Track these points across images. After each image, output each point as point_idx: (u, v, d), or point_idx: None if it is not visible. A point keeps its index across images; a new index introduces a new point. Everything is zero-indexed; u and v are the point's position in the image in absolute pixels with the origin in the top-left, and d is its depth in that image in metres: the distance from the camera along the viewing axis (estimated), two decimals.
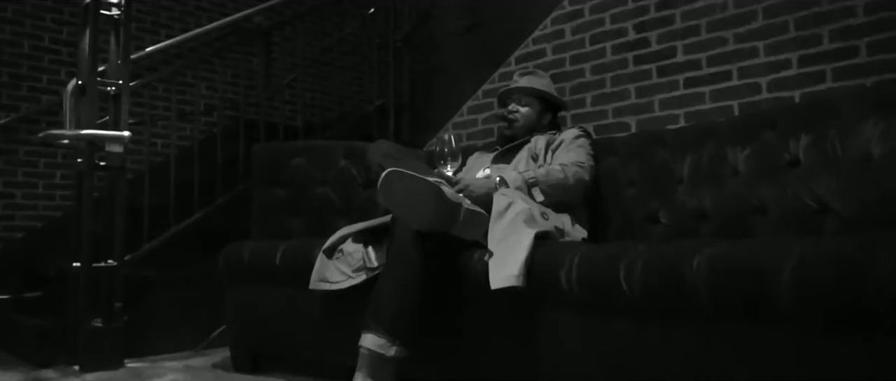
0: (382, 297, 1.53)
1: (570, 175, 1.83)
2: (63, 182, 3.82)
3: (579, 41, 2.68)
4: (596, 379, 1.31)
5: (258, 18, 2.93)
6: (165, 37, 4.02)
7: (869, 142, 1.51)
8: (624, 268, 1.24)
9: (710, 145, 1.88)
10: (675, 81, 2.38)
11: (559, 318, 1.38)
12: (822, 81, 2.02)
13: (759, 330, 1.05)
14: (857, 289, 0.92)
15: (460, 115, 3.13)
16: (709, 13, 2.29)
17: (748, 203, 1.72)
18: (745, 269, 1.07)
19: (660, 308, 1.18)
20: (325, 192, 2.38)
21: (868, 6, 1.95)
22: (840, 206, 1.52)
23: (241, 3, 4.37)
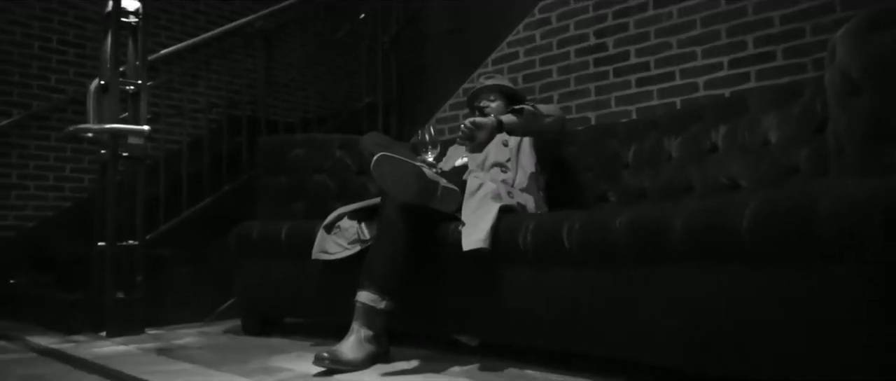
0: (374, 260, 1.85)
1: (557, 109, 2.18)
2: (72, 175, 4.10)
3: (547, 45, 3.01)
4: (545, 316, 1.64)
5: (260, 23, 3.24)
6: (165, 38, 4.32)
7: (768, 130, 1.87)
8: (566, 229, 1.58)
9: (651, 136, 2.23)
10: (628, 81, 2.72)
11: (517, 272, 1.71)
12: (747, 81, 2.38)
13: (655, 269, 1.39)
14: (805, 219, 1.09)
15: (443, 111, 3.45)
16: (656, 22, 2.64)
17: (679, 183, 2.07)
18: (664, 223, 1.41)
19: (589, 257, 1.52)
20: (322, 179, 2.69)
21: (783, 17, 2.30)
22: (746, 182, 1.87)
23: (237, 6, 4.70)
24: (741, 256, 1.21)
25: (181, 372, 1.74)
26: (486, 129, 2.03)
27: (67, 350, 2.12)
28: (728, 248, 1.23)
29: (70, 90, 4.12)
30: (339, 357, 1.71)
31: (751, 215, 1.19)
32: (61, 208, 4.03)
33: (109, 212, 2.48)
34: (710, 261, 1.28)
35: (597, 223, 1.52)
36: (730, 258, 1.24)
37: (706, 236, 1.28)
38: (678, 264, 1.34)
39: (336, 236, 2.14)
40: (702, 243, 1.29)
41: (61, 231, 3.96)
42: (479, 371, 1.69)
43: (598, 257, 1.51)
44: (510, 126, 2.06)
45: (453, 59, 3.44)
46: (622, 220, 1.46)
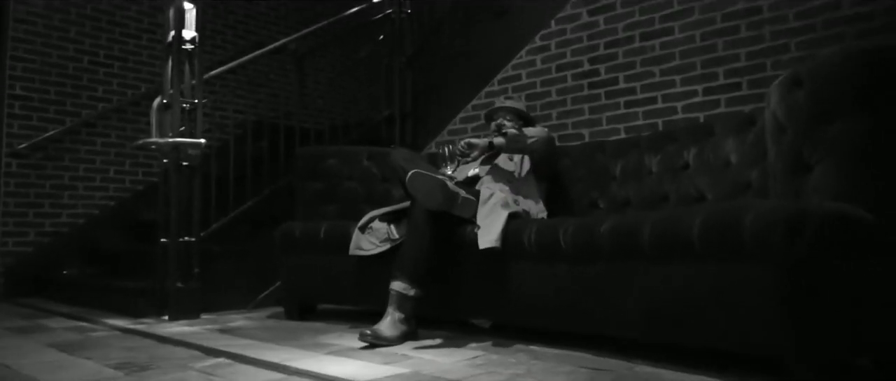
0: (405, 255, 2.27)
1: (543, 132, 2.58)
2: (115, 176, 4.52)
3: (547, 69, 3.42)
4: (545, 301, 2.05)
5: (293, 45, 3.64)
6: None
7: (729, 153, 2.28)
8: (562, 232, 1.99)
9: (634, 153, 2.64)
10: (617, 103, 3.14)
11: (522, 266, 2.12)
12: (718, 106, 2.79)
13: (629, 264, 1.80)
14: (732, 229, 1.48)
15: (454, 124, 3.86)
16: (642, 53, 3.05)
17: (658, 193, 2.48)
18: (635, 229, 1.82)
19: (580, 255, 1.93)
20: (353, 185, 3.11)
21: (748, 54, 2.71)
22: (711, 195, 2.29)
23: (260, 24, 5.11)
24: (691, 255, 1.63)
25: (249, 346, 2.15)
26: (478, 148, 2.47)
27: (147, 330, 2.54)
28: (682, 249, 1.64)
29: (114, 99, 4.53)
30: (379, 334, 2.12)
31: (699, 226, 1.60)
32: (107, 206, 4.45)
33: (173, 212, 2.89)
34: (669, 259, 1.69)
35: (586, 228, 1.93)
36: (683, 257, 1.65)
37: (666, 239, 1.69)
38: (646, 261, 1.75)
39: (369, 236, 2.56)
40: (663, 245, 1.70)
41: (106, 228, 4.39)
42: (492, 347, 2.10)
43: (586, 254, 1.92)
44: (499, 146, 2.49)
45: (463, 78, 3.85)
46: (605, 226, 1.88)
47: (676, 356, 1.79)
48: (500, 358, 1.91)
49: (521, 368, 1.77)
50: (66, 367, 1.84)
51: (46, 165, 4.20)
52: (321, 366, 1.80)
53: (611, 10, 3.17)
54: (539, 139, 2.55)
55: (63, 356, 2.01)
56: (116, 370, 1.78)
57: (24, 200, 4.10)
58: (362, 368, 1.78)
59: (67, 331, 2.58)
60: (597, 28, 3.23)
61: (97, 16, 4.49)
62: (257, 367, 1.81)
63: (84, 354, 2.04)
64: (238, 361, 1.90)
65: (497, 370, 1.75)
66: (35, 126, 4.16)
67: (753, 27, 2.70)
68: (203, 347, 2.14)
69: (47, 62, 4.23)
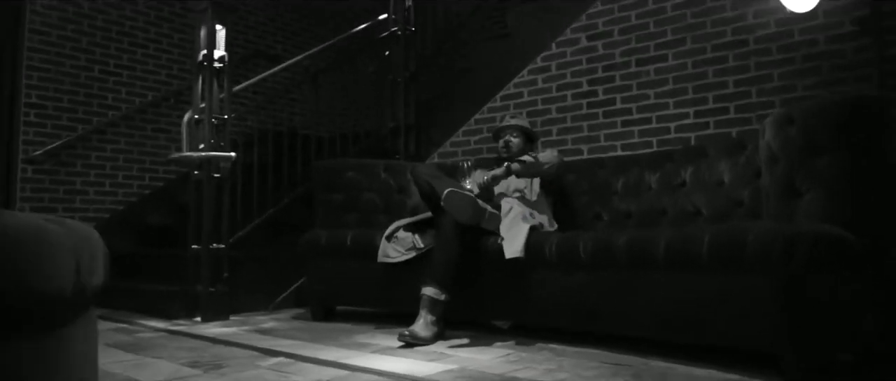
0: (436, 263, 2.51)
1: (545, 168, 2.83)
2: (124, 182, 4.64)
3: (548, 88, 3.70)
4: (565, 307, 2.32)
5: (306, 62, 3.85)
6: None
7: (722, 172, 2.58)
8: (581, 243, 2.26)
9: (634, 170, 2.93)
10: (614, 122, 3.43)
11: (544, 274, 2.38)
12: (708, 128, 3.10)
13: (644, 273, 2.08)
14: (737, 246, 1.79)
15: (457, 136, 4.11)
16: (637, 77, 3.35)
17: (657, 208, 2.77)
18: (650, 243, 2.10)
19: (598, 264, 2.20)
20: (371, 196, 3.33)
21: (736, 82, 3.03)
22: (706, 211, 2.59)
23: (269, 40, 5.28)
24: (700, 267, 1.91)
25: (299, 346, 2.37)
26: (499, 178, 2.72)
27: (191, 331, 2.72)
28: (692, 262, 1.93)
29: (123, 107, 4.66)
30: (416, 335, 2.36)
31: (708, 243, 1.89)
32: (115, 210, 4.57)
33: (205, 222, 3.07)
34: (680, 270, 1.98)
35: (604, 241, 2.21)
36: (693, 269, 1.93)
37: (679, 254, 1.97)
38: (659, 271, 2.03)
39: (395, 244, 2.80)
40: (676, 258, 1.98)
41: (115, 231, 4.51)
42: (516, 346, 2.35)
43: (604, 264, 2.19)
44: (517, 172, 2.74)
45: (466, 94, 4.10)
46: (622, 240, 2.15)
47: (685, 354, 2.07)
48: (529, 355, 2.17)
49: (553, 363, 2.03)
50: (146, 366, 2.03)
51: (60, 171, 4.31)
52: (378, 363, 2.03)
53: (609, 37, 3.47)
54: (553, 164, 2.80)
55: (133, 355, 2.20)
56: (193, 369, 1.98)
57: (38, 204, 4.20)
58: (414, 365, 2.02)
59: (114, 332, 2.74)
60: (596, 52, 3.51)
61: (108, 27, 4.60)
62: (319, 365, 2.03)
63: (151, 353, 2.23)
64: (298, 359, 2.11)
65: (531, 365, 2.00)
66: (49, 133, 4.26)
67: (740, 58, 3.02)
68: (258, 347, 2.34)
69: (61, 72, 4.34)
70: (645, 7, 3.33)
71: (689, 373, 1.87)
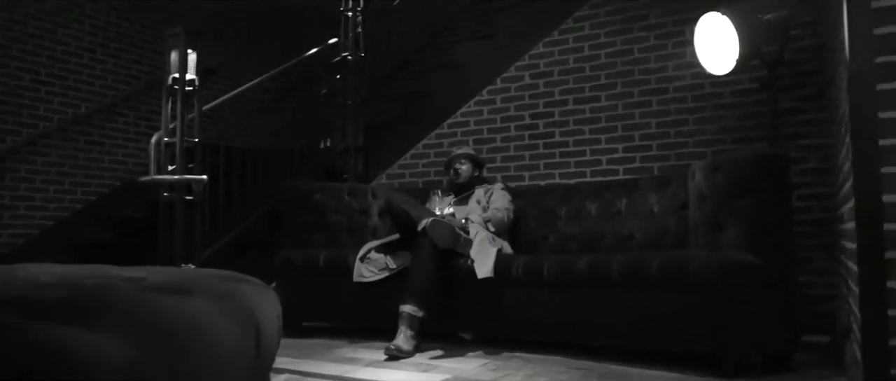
0: (414, 283, 2.79)
1: (505, 215, 3.21)
2: (56, 196, 4.51)
3: (493, 119, 4.09)
4: (531, 320, 2.69)
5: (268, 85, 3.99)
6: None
7: (653, 205, 3.07)
8: (546, 264, 2.64)
9: (576, 198, 3.37)
10: (553, 153, 3.87)
11: (511, 292, 2.74)
12: (634, 162, 3.61)
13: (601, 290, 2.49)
14: (681, 270, 2.29)
15: (405, 159, 4.40)
16: (574, 114, 3.81)
17: (597, 233, 3.22)
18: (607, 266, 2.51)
19: (561, 283, 2.59)
20: (337, 217, 3.55)
21: (658, 124, 3.56)
22: (639, 236, 3.06)
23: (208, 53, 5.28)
24: (650, 286, 2.35)
25: (292, 362, 2.56)
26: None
27: None
28: (643, 281, 2.36)
29: (55, 119, 4.52)
30: (400, 348, 2.64)
31: (657, 266, 2.33)
32: (46, 226, 4.43)
33: (177, 241, 3.16)
34: (632, 288, 2.41)
35: (566, 263, 2.61)
36: (644, 287, 2.37)
37: (632, 274, 2.40)
38: (614, 288, 2.46)
39: (368, 265, 3.05)
40: (629, 278, 2.41)
41: (46, 248, 4.38)
42: (485, 354, 2.69)
43: (567, 283, 2.59)
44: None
45: (415, 119, 4.40)
46: (582, 262, 2.56)
47: (637, 358, 2.50)
48: (504, 363, 2.51)
49: (528, 369, 2.38)
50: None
51: None
52: (377, 376, 2.30)
53: (549, 77, 3.91)
54: (500, 221, 3.18)
55: None
56: None
57: None
58: (410, 376, 2.30)
59: None
60: (537, 89, 3.95)
61: (40, 34, 4.46)
62: (325, 380, 2.26)
63: None
64: (303, 375, 2.33)
65: (511, 372, 2.35)
66: None
67: (662, 103, 3.55)
68: None
69: None
70: (582, 53, 3.80)
71: (643, 374, 2.30)
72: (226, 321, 0.82)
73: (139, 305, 0.75)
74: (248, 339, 0.91)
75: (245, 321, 0.89)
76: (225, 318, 0.82)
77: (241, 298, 0.95)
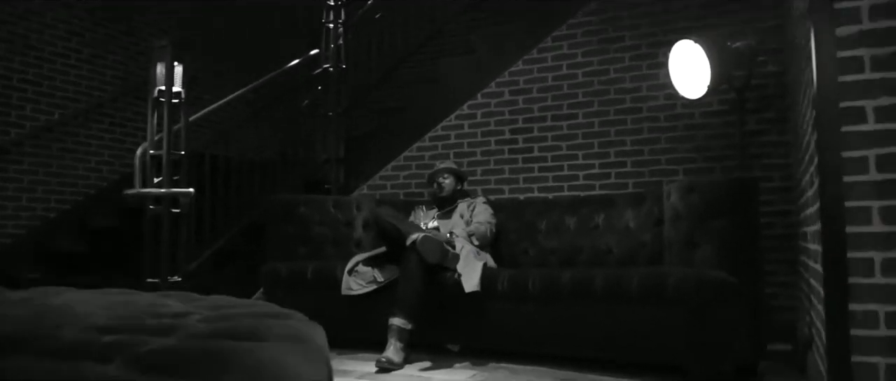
0: (403, 296, 2.88)
1: (487, 229, 3.33)
2: (28, 204, 4.43)
3: (473, 133, 4.20)
4: (516, 332, 2.80)
5: (250, 96, 4.01)
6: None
7: (628, 220, 3.23)
8: (530, 279, 2.76)
9: (555, 212, 3.51)
10: (532, 167, 4.00)
11: (497, 305, 2.85)
12: (609, 178, 3.77)
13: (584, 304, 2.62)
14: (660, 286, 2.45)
15: (386, 170, 4.47)
16: (553, 130, 3.95)
17: (575, 246, 3.36)
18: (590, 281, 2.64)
19: (546, 296, 2.71)
20: (321, 230, 3.60)
21: (633, 141, 3.73)
22: (616, 250, 3.21)
23: None
24: (630, 300, 2.49)
25: None
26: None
27: None
28: (624, 296, 2.50)
29: (28, 126, 4.45)
30: (391, 360, 2.72)
31: (637, 282, 2.47)
32: (18, 235, 4.35)
33: (163, 255, 3.17)
34: (614, 302, 2.55)
35: (550, 278, 2.73)
36: (624, 301, 2.51)
37: (614, 289, 2.54)
38: (597, 302, 2.59)
39: (356, 278, 3.13)
40: (611, 292, 2.55)
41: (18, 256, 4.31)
42: (472, 365, 2.80)
43: (550, 297, 2.71)
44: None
45: (396, 131, 4.47)
46: (566, 276, 2.69)
47: (619, 369, 2.64)
48: (491, 375, 2.62)
49: (514, 380, 2.50)
50: None
51: None
52: None
53: (528, 94, 4.04)
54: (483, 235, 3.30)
55: None
56: None
57: None
58: None
59: None
60: (517, 105, 4.08)
61: (11, 39, 4.38)
62: None
63: None
64: None
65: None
66: None
67: (636, 122, 3.72)
68: None
69: None
70: (560, 71, 3.95)
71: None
72: (306, 365, 0.88)
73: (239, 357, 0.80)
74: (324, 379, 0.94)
75: (319, 361, 0.95)
76: (305, 362, 0.89)
77: (311, 338, 1.01)
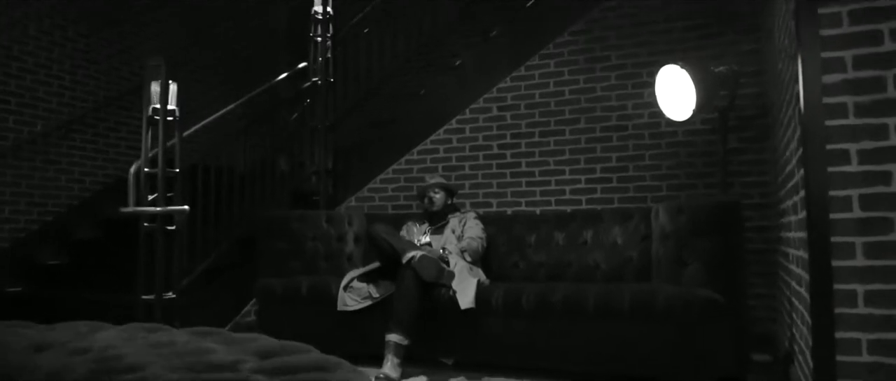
0: (399, 313, 2.93)
1: (479, 244, 3.41)
2: (11, 216, 4.37)
3: (462, 147, 4.28)
4: (510, 347, 2.88)
5: (239, 110, 4.02)
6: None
7: (616, 236, 3.33)
8: (524, 295, 2.84)
9: (545, 227, 3.60)
10: (519, 182, 4.10)
11: (491, 320, 2.93)
12: (595, 193, 3.88)
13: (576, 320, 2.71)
14: (650, 304, 2.57)
15: (374, 183, 4.52)
16: (540, 146, 4.05)
17: (564, 261, 3.46)
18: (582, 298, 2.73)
19: (539, 313, 2.80)
20: (314, 245, 3.64)
21: (618, 158, 3.84)
22: (604, 266, 3.32)
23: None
24: (621, 317, 2.59)
25: None
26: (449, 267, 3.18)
27: None
28: (616, 312, 2.60)
29: (11, 138, 4.39)
30: (389, 376, 2.78)
31: (628, 299, 2.57)
32: (1, 248, 4.29)
33: (158, 272, 3.18)
34: (605, 318, 2.65)
35: (544, 294, 2.82)
36: (616, 318, 2.61)
37: (606, 306, 2.64)
38: (589, 319, 2.69)
39: (351, 293, 3.18)
40: (603, 309, 2.65)
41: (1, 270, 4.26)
42: (467, 380, 2.87)
43: (544, 312, 2.80)
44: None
45: (385, 145, 4.53)
46: (559, 293, 2.78)
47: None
48: None
49: None
50: None
51: None
52: None
53: (516, 110, 4.14)
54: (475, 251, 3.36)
55: None
56: None
57: None
58: None
59: None
60: (505, 121, 4.17)
61: None
62: None
63: None
64: None
65: None
66: None
67: (621, 139, 3.84)
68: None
69: None
70: (547, 88, 4.05)
71: None
72: None
73: None
74: None
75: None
76: None
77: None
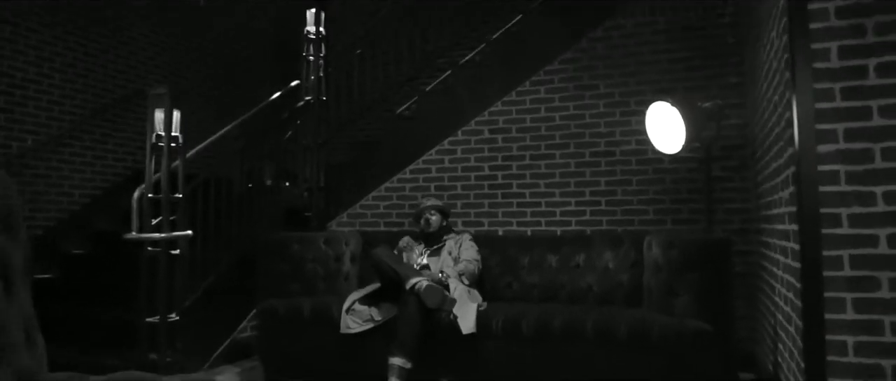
0: (402, 336, 3.04)
1: (476, 267, 3.53)
2: None
3: (454, 168, 4.39)
4: (509, 371, 3.02)
5: (236, 132, 4.07)
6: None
7: (607, 260, 3.50)
8: (524, 320, 2.98)
9: (537, 249, 3.74)
10: (511, 202, 4.23)
11: (491, 344, 3.06)
12: (585, 215, 4.04)
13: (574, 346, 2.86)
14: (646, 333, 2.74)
15: (366, 200, 4.61)
16: (531, 168, 4.19)
17: (557, 283, 3.60)
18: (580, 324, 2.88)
19: (539, 337, 2.94)
20: (313, 266, 3.72)
21: (606, 182, 4.01)
22: (596, 289, 3.47)
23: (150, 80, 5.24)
24: (618, 344, 2.75)
25: None
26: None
27: None
28: (613, 340, 2.76)
29: (0, 153, 4.35)
30: None
31: (624, 327, 2.73)
32: None
33: (160, 295, 3.22)
34: (603, 345, 2.80)
35: (542, 319, 2.96)
36: (612, 344, 2.76)
37: (603, 333, 2.79)
38: (587, 344, 2.84)
39: (353, 316, 3.27)
40: (600, 335, 2.80)
41: None
42: None
43: (542, 338, 2.94)
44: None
45: (377, 163, 4.62)
46: (558, 319, 2.92)
47: None
48: None
49: None
50: None
51: None
52: None
53: (508, 133, 4.27)
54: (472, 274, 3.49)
55: None
56: None
57: None
58: None
59: None
60: (496, 143, 4.30)
61: None
62: None
63: None
64: None
65: None
66: None
67: (610, 164, 4.01)
68: None
69: None
70: (538, 113, 4.19)
71: None
72: None
73: None
74: None
75: None
76: None
77: None
